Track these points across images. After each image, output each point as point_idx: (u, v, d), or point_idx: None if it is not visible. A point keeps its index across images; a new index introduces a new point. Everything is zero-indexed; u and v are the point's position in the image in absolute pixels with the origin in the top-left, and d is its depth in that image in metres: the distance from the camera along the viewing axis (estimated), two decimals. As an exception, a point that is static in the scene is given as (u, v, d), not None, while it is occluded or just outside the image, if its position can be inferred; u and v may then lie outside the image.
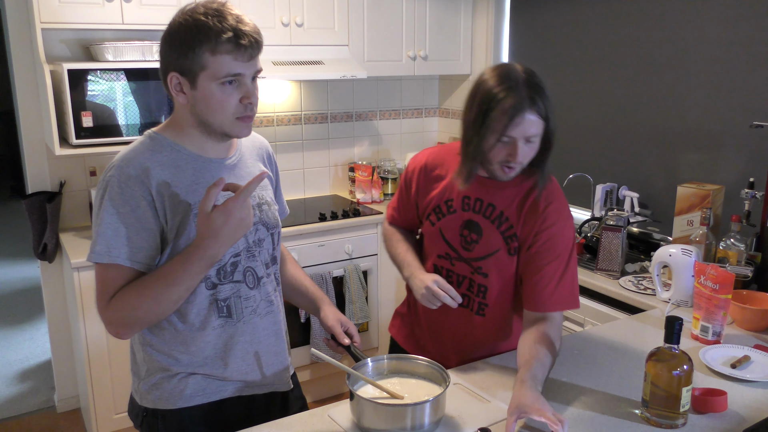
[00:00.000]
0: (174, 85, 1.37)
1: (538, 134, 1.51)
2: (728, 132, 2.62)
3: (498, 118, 1.47)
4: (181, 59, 1.34)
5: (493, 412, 1.45)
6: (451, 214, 1.68)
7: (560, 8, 3.32)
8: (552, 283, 1.58)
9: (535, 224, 1.60)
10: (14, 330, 4.39)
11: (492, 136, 1.49)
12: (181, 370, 1.46)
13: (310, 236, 3.19)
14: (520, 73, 1.49)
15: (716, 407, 1.46)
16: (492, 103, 1.47)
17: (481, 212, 1.64)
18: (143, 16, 2.85)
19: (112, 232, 1.33)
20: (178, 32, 1.35)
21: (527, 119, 1.46)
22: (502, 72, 1.50)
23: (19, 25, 2.93)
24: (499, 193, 1.63)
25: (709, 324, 1.83)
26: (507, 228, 1.63)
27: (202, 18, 1.33)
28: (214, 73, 1.33)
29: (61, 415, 3.33)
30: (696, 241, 2.30)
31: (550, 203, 1.61)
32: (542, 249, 1.59)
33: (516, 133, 1.47)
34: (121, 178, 1.35)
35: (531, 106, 1.46)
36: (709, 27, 2.64)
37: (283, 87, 3.59)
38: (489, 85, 1.50)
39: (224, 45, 1.31)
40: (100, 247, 1.33)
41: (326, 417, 1.45)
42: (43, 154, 3.07)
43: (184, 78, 1.36)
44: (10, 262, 5.76)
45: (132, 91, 2.80)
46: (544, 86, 1.50)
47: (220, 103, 1.35)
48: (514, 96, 1.45)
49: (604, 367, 1.68)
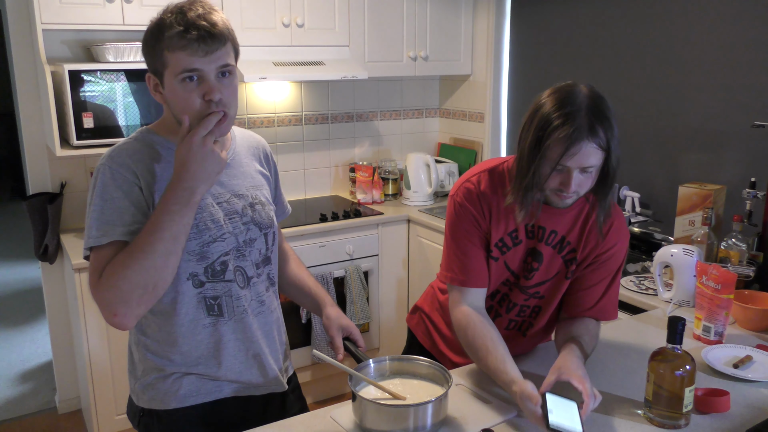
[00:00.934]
0: (153, 86, 1.39)
1: (596, 165, 1.40)
2: (730, 132, 2.61)
3: (553, 147, 1.37)
4: (149, 58, 1.36)
5: (495, 413, 1.45)
6: (517, 245, 1.60)
7: (561, 9, 3.32)
8: (597, 296, 1.63)
9: (597, 246, 1.59)
10: (15, 331, 4.38)
11: (546, 163, 1.40)
12: (175, 370, 1.46)
13: (311, 237, 3.19)
14: (583, 98, 1.39)
15: (719, 407, 1.46)
16: (548, 130, 1.37)
17: (543, 240, 1.59)
18: (144, 17, 2.84)
19: (103, 215, 1.33)
20: (147, 32, 1.36)
21: (584, 150, 1.36)
22: (562, 95, 1.40)
23: (20, 26, 2.93)
24: (561, 218, 1.57)
25: (711, 324, 1.83)
26: (568, 252, 1.60)
27: (164, 16, 1.33)
28: (173, 70, 1.32)
29: (63, 416, 3.33)
30: (698, 241, 2.30)
31: (611, 225, 1.58)
32: (599, 267, 1.61)
33: (571, 163, 1.38)
34: (113, 166, 1.35)
35: (590, 135, 1.35)
36: (710, 27, 2.64)
37: (283, 88, 3.59)
38: (547, 109, 1.40)
39: (175, 40, 1.30)
40: (95, 232, 1.32)
41: (328, 418, 1.44)
42: (43, 155, 3.07)
43: (155, 78, 1.37)
44: (11, 264, 5.76)
45: (132, 92, 2.80)
46: (610, 113, 1.39)
47: (183, 100, 1.34)
48: (571, 124, 1.35)
49: (606, 367, 1.68)
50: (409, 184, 3.69)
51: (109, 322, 1.31)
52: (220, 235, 1.43)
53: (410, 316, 1.95)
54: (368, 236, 3.37)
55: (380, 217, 3.41)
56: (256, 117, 3.55)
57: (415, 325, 1.92)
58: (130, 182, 1.35)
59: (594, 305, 1.64)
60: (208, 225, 1.42)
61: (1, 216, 7.54)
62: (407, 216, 3.47)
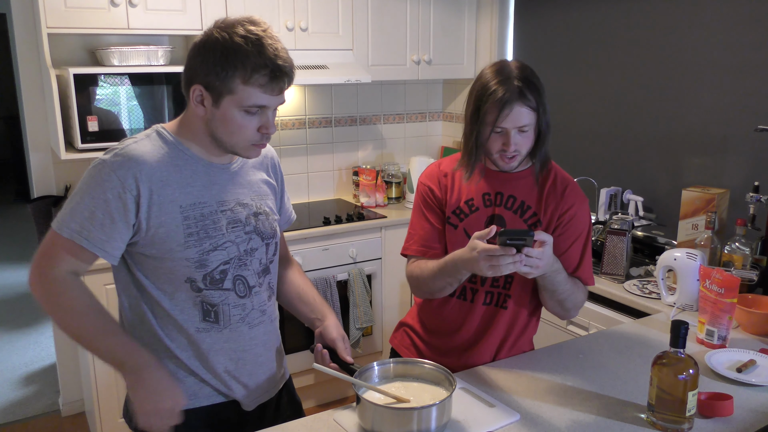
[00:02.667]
0: (195, 96, 1.37)
1: (530, 124, 1.58)
2: (733, 136, 2.61)
3: (490, 110, 1.55)
4: (211, 76, 1.34)
5: (499, 417, 1.45)
6: (474, 212, 1.70)
7: (564, 12, 3.32)
8: (575, 262, 1.68)
9: (558, 207, 1.67)
10: (19, 334, 4.40)
11: (486, 128, 1.58)
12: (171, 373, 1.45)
13: (314, 240, 3.20)
14: (513, 69, 1.57)
15: (722, 411, 1.46)
16: (484, 97, 1.56)
17: (503, 205, 1.69)
18: (148, 21, 2.86)
19: (89, 215, 1.34)
20: (213, 49, 1.33)
21: (516, 110, 1.54)
22: (497, 68, 1.59)
23: (25, 30, 2.95)
24: (518, 184, 1.69)
25: (714, 328, 1.83)
26: (530, 215, 1.68)
27: (242, 44, 1.31)
28: (240, 100, 1.34)
29: (66, 418, 3.34)
30: (701, 245, 2.30)
31: (566, 186, 1.69)
32: (565, 230, 1.67)
33: (507, 124, 1.56)
34: (114, 165, 1.35)
35: (520, 98, 1.54)
36: (714, 30, 2.65)
37: (287, 91, 3.59)
38: (484, 80, 1.59)
39: (259, 79, 1.33)
40: (74, 225, 1.33)
41: (331, 421, 1.44)
42: (48, 159, 3.08)
43: (208, 93, 1.36)
44: (15, 266, 5.78)
45: (136, 96, 2.81)
46: (536, 79, 1.59)
47: (239, 128, 1.37)
48: (504, 89, 1.53)
49: (609, 371, 1.68)
50: (412, 187, 3.70)
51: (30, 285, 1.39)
52: (221, 244, 1.44)
53: (393, 335, 1.95)
54: (371, 239, 3.37)
55: (383, 220, 3.41)
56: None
57: (398, 343, 1.90)
58: (124, 187, 1.34)
59: (573, 271, 1.68)
60: (210, 233, 1.42)
61: (5, 219, 7.56)
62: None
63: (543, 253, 1.45)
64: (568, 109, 3.33)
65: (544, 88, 1.60)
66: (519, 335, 1.76)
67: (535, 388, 1.59)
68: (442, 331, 1.77)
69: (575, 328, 2.55)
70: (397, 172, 3.82)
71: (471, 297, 1.72)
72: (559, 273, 1.59)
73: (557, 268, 1.58)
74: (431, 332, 1.80)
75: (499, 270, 1.44)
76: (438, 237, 1.72)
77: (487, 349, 1.73)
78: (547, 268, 1.52)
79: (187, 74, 1.39)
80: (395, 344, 1.92)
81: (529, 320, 1.77)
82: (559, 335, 2.58)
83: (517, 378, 1.63)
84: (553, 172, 1.71)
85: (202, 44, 1.35)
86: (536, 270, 1.47)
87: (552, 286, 1.61)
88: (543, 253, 1.45)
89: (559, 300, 1.65)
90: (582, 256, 1.69)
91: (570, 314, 1.71)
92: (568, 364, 1.71)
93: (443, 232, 1.72)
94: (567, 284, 1.63)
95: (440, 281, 1.64)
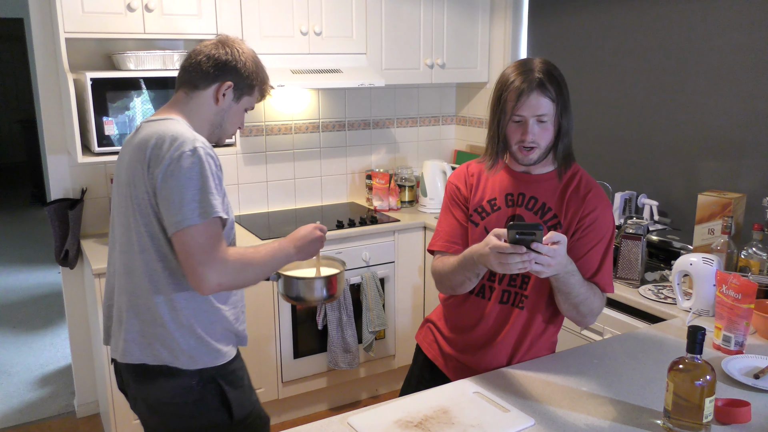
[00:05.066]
0: (224, 89, 1.70)
1: (549, 115, 1.60)
2: (749, 140, 2.59)
3: (509, 99, 1.60)
4: (248, 80, 1.73)
5: (513, 421, 1.44)
6: (496, 212, 1.73)
7: (578, 15, 3.31)
8: (593, 267, 1.67)
9: (578, 210, 1.67)
10: (35, 335, 4.44)
11: (505, 116, 1.62)
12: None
13: (327, 243, 3.20)
14: (536, 62, 1.62)
15: (740, 418, 1.44)
16: (505, 86, 1.62)
17: (524, 205, 1.71)
18: (164, 26, 2.88)
19: (208, 193, 1.55)
20: (256, 62, 1.75)
21: (534, 98, 1.58)
22: (520, 63, 1.65)
23: (43, 34, 2.98)
24: (540, 186, 1.71)
25: (731, 334, 1.81)
26: (551, 217, 1.69)
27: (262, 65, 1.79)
28: (251, 102, 1.79)
29: (81, 420, 3.36)
30: (717, 249, 2.28)
31: (590, 190, 1.69)
32: (585, 234, 1.66)
33: (525, 112, 1.59)
34: (205, 149, 1.58)
35: (539, 87, 1.58)
36: (729, 33, 2.63)
37: (301, 95, 3.62)
38: (507, 72, 1.65)
39: (266, 92, 1.81)
40: (213, 205, 1.54)
41: (346, 424, 1.45)
42: (64, 162, 3.11)
43: (234, 92, 1.73)
44: (32, 268, 5.83)
45: (151, 100, 2.84)
46: (558, 74, 1.63)
47: (239, 122, 1.80)
48: (524, 79, 1.59)
49: (624, 377, 1.67)
50: (425, 191, 3.70)
51: (201, 286, 1.54)
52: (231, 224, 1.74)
53: (418, 331, 1.99)
54: (384, 243, 3.37)
55: (396, 224, 3.41)
56: (273, 124, 3.58)
57: (422, 338, 1.96)
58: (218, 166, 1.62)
59: (591, 276, 1.67)
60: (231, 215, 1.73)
61: (21, 221, 7.64)
62: (423, 223, 3.48)
63: (555, 251, 1.45)
64: (582, 113, 3.31)
65: (568, 87, 1.64)
66: (536, 339, 1.76)
67: (550, 393, 1.58)
68: (460, 327, 1.80)
69: (590, 333, 2.54)
70: (410, 175, 3.82)
71: (489, 295, 1.74)
72: (572, 275, 1.58)
73: (571, 270, 1.58)
74: (451, 329, 1.84)
75: (509, 267, 1.45)
76: (462, 233, 1.77)
77: (502, 349, 1.74)
78: (560, 269, 1.52)
79: (215, 71, 1.69)
80: (419, 340, 1.97)
81: (546, 325, 1.77)
82: (574, 340, 2.57)
83: (531, 383, 1.63)
84: (579, 176, 1.72)
85: (252, 57, 1.75)
86: (548, 269, 1.47)
87: (566, 288, 1.60)
88: (555, 251, 1.45)
89: (573, 303, 1.64)
90: (602, 262, 1.68)
91: (587, 320, 1.70)
92: (583, 369, 1.71)
93: (467, 230, 1.76)
94: (582, 287, 1.62)
95: (459, 275, 1.67)
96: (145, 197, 1.59)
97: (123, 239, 1.67)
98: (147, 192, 1.58)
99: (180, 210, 1.52)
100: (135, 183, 1.61)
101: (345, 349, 3.20)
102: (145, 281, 1.62)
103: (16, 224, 7.51)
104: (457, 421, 1.44)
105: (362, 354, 3.34)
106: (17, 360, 4.07)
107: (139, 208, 1.60)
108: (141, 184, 1.59)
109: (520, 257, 1.43)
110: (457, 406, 1.50)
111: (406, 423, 1.43)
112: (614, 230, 1.71)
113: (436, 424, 1.42)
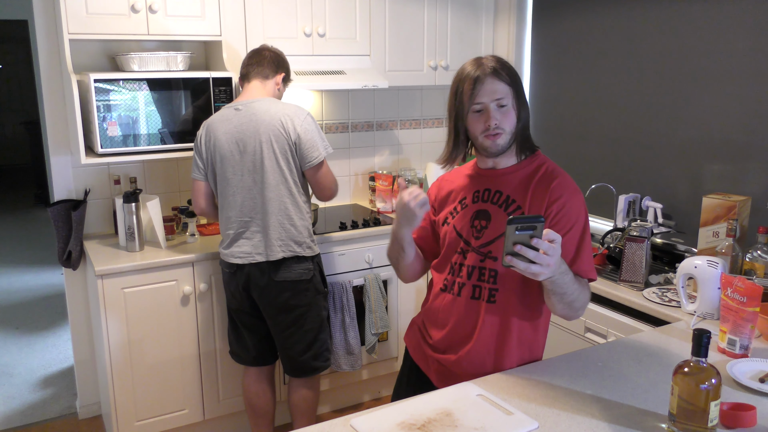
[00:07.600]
0: (282, 79, 2.73)
1: (507, 98, 1.65)
2: (754, 142, 2.58)
3: (465, 90, 1.65)
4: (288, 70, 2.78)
5: (517, 424, 1.43)
6: (464, 209, 1.78)
7: (582, 18, 3.31)
8: (569, 255, 1.63)
9: (543, 200, 1.66)
10: (37, 336, 4.44)
11: (464, 108, 1.67)
12: None
13: (330, 245, 3.20)
14: (488, 57, 1.70)
15: (745, 422, 1.43)
16: (460, 79, 1.68)
17: (489, 200, 1.74)
18: (168, 27, 2.89)
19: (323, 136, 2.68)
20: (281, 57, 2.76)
21: (490, 83, 1.63)
22: (472, 59, 1.71)
23: (47, 36, 2.99)
24: (505, 179, 1.74)
25: (736, 337, 1.80)
26: (514, 209, 1.69)
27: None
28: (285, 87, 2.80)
29: (83, 421, 3.36)
30: (722, 252, 2.27)
31: (554, 179, 1.69)
32: (555, 223, 1.64)
33: (484, 98, 1.64)
34: None
35: (493, 73, 1.64)
36: (734, 36, 2.62)
37: (304, 96, 3.62)
38: (460, 70, 1.71)
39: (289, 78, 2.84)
40: (327, 144, 2.69)
41: (348, 426, 1.44)
42: (68, 163, 3.11)
43: (283, 83, 2.76)
44: (35, 269, 5.85)
45: (155, 101, 2.84)
46: (510, 65, 1.69)
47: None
48: (476, 67, 1.65)
49: (629, 380, 1.66)
50: (428, 193, 3.69)
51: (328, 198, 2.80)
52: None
53: (407, 332, 1.99)
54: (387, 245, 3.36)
55: (399, 226, 3.40)
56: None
57: (408, 339, 1.96)
58: None
59: (570, 266, 1.61)
60: None
61: (25, 223, 7.66)
62: (426, 225, 3.46)
63: (554, 249, 1.44)
64: (586, 115, 3.31)
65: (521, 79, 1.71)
66: (519, 331, 1.72)
67: (554, 396, 1.57)
68: (437, 323, 1.80)
69: (593, 335, 2.53)
70: (413, 177, 3.82)
71: (458, 291, 1.74)
72: (566, 274, 1.56)
73: (564, 270, 1.55)
74: (430, 326, 1.84)
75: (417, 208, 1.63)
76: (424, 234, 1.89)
77: (482, 348, 1.71)
78: (556, 269, 1.49)
79: (275, 65, 2.69)
80: (407, 341, 1.98)
81: (528, 322, 1.73)
82: (577, 343, 2.56)
83: (535, 386, 1.62)
84: (544, 167, 1.72)
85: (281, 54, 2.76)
86: (547, 269, 1.45)
87: (561, 289, 1.56)
88: (554, 249, 1.44)
89: (568, 302, 1.61)
90: (578, 249, 1.65)
91: (578, 314, 1.68)
92: (587, 372, 1.70)
93: (426, 228, 1.89)
94: (574, 284, 1.60)
95: (393, 251, 1.85)
96: (286, 148, 2.57)
97: (270, 179, 2.57)
98: (288, 144, 2.57)
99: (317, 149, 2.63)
100: (277, 141, 2.55)
101: (348, 351, 3.19)
102: (287, 202, 2.61)
103: (19, 225, 7.52)
104: (460, 423, 1.43)
105: (365, 356, 3.33)
106: (19, 361, 4.07)
107: (283, 156, 2.58)
108: (283, 140, 2.56)
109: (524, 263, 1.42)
110: (460, 409, 1.49)
111: (409, 425, 1.42)
112: (587, 217, 1.69)
113: (439, 427, 1.42)
